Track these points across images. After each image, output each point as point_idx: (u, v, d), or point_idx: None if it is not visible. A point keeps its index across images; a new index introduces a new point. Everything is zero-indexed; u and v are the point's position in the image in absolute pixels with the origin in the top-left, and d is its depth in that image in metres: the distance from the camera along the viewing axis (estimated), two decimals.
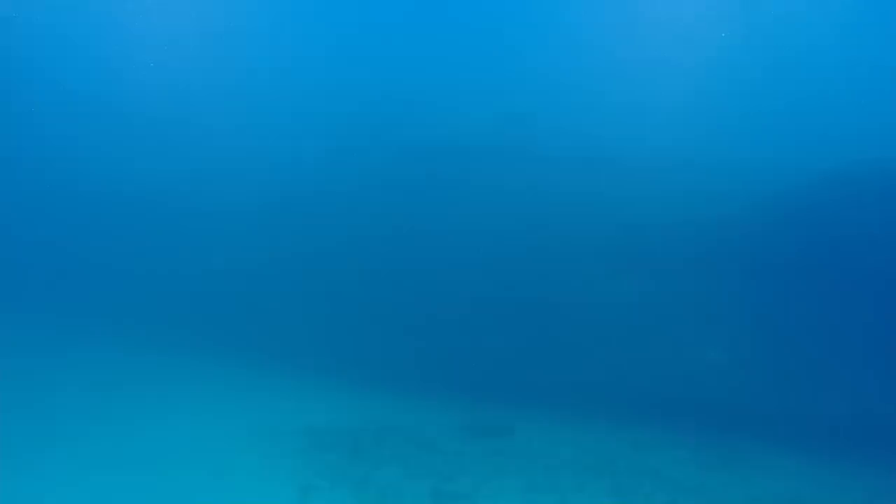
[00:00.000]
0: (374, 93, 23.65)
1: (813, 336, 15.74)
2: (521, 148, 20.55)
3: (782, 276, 16.47)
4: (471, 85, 22.62)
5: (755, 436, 14.44)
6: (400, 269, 19.65)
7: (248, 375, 17.29)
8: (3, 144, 26.84)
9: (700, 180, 18.74)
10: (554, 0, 23.73)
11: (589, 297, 17.93)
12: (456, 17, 24.73)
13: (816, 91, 20.73)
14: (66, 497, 11.96)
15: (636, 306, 17.44)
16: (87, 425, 14.53)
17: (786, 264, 16.57)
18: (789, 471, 13.48)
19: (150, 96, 26.56)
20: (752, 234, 17.22)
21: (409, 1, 25.57)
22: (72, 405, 15.50)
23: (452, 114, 21.90)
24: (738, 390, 15.36)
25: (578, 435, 14.70)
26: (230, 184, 22.99)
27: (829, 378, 15.18)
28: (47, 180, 25.63)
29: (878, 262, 15.80)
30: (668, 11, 22.57)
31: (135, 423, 14.75)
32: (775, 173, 18.21)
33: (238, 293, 20.33)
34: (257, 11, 26.99)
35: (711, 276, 17.07)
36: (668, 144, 19.85)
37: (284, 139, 23.83)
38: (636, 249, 18.24)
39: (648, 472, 13.36)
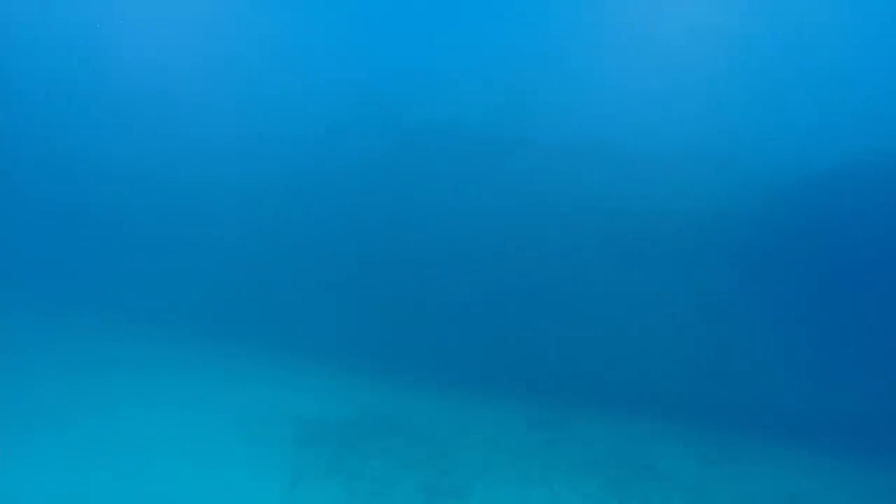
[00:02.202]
0: (371, 79, 23.29)
1: (814, 330, 15.53)
2: (520, 137, 20.24)
3: (784, 270, 16.24)
4: (471, 71, 22.26)
5: (755, 430, 14.24)
6: (392, 257, 19.36)
7: (237, 364, 17.00)
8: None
9: (703, 172, 18.47)
10: None
11: (586, 287, 17.69)
12: (454, 4, 24.32)
13: (823, 84, 20.39)
14: (53, 485, 11.77)
15: (633, 297, 17.20)
16: (73, 414, 14.26)
17: (788, 258, 16.34)
18: (790, 466, 13.28)
19: (145, 82, 26.17)
20: (754, 227, 16.98)
21: None
22: (57, 394, 15.19)
23: (452, 100, 21.56)
24: (738, 383, 15.16)
25: (572, 428, 14.47)
26: (222, 171, 22.63)
27: (831, 372, 14.99)
28: (36, 169, 25.26)
29: (882, 257, 15.57)
30: (673, 1, 22.19)
31: (121, 412, 14.48)
32: (779, 167, 17.94)
33: (228, 279, 20.04)
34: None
35: (712, 269, 16.83)
36: (671, 135, 19.53)
37: (280, 126, 23.45)
38: (636, 241, 17.98)
39: (645, 466, 13.15)
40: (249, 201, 21.55)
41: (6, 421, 13.76)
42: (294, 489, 12.01)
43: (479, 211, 19.36)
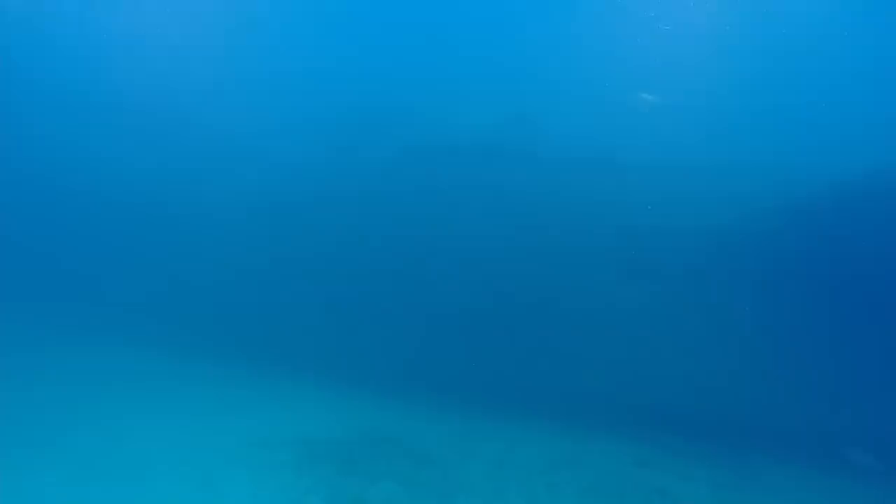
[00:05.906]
0: (373, 92, 23.07)
1: (834, 349, 15.20)
2: (525, 150, 19.98)
3: (798, 286, 15.92)
4: (474, 85, 22.05)
5: (773, 453, 13.89)
6: (397, 271, 19.05)
7: (235, 381, 16.52)
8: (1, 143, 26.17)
9: (709, 185, 18.22)
10: (559, 0, 23.18)
11: (592, 303, 17.39)
12: (459, 16, 24.18)
13: (830, 94, 20.20)
14: None
15: (642, 313, 16.91)
16: (69, 436, 13.76)
17: (802, 273, 16.03)
18: (810, 491, 12.94)
19: (144, 94, 25.93)
20: (766, 240, 16.70)
21: None
22: (51, 412, 14.68)
23: (454, 114, 21.34)
24: (754, 403, 14.81)
25: (580, 451, 14.12)
26: (221, 184, 22.30)
27: (860, 397, 14.60)
28: (36, 176, 24.91)
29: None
30: (674, 13, 22.06)
31: (117, 433, 13.96)
32: (797, 180, 17.64)
33: (227, 293, 19.63)
34: (253, 8, 26.43)
35: (723, 284, 16.52)
36: (682, 148, 19.27)
37: (280, 139, 23.16)
38: (641, 254, 17.72)
39: (655, 491, 12.79)
40: (250, 218, 21.20)
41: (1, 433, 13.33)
42: None
43: (487, 226, 19.07)
